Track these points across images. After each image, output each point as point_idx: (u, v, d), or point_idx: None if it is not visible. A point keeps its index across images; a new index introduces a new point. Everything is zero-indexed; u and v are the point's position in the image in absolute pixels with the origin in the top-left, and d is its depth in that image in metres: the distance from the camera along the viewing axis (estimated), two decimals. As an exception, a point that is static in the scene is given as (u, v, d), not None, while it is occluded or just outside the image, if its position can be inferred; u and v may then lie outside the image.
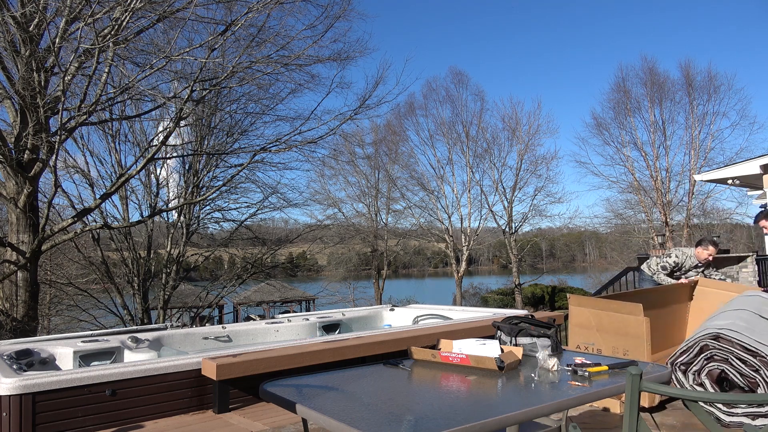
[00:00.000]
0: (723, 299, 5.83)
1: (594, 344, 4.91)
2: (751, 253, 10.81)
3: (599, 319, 4.94)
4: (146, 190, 16.44)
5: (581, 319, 5.02)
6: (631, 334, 4.76)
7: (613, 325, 4.85)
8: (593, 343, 4.92)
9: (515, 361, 2.59)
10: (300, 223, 26.01)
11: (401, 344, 5.01)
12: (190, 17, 8.87)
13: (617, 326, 4.83)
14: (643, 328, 4.73)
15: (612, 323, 4.87)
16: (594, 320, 4.96)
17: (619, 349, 4.80)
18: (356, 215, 30.85)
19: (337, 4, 10.17)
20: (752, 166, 11.07)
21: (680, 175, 26.84)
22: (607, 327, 4.89)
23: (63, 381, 3.80)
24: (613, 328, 4.85)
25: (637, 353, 4.70)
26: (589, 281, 37.50)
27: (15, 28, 8.27)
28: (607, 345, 4.85)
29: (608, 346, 4.85)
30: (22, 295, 8.69)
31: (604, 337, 4.88)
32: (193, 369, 4.31)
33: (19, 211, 8.77)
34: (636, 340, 4.74)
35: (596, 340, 4.91)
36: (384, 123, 29.85)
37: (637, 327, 4.75)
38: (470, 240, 29.61)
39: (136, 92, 9.26)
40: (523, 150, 29.67)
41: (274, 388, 2.31)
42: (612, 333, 4.85)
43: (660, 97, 27.49)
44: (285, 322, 6.45)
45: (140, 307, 15.36)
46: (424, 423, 1.95)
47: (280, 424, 3.97)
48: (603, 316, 4.92)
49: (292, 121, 13.69)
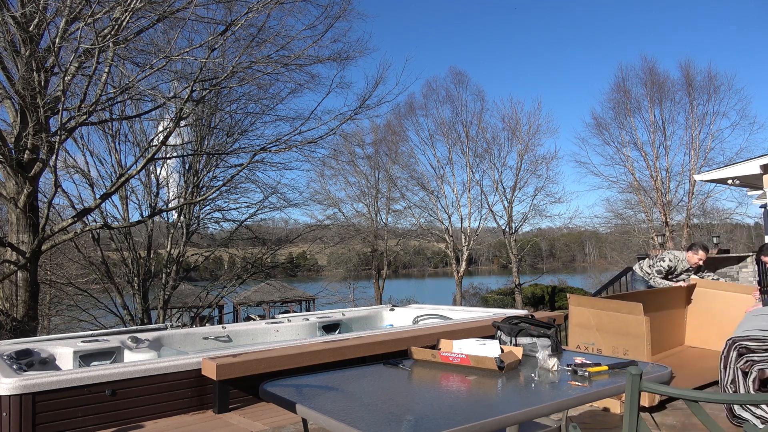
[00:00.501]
0: (722, 300, 5.84)
1: (594, 344, 4.91)
2: (751, 253, 10.79)
3: (599, 318, 4.94)
4: (146, 190, 16.45)
5: (581, 319, 5.03)
6: (632, 333, 4.76)
7: (613, 324, 4.86)
8: (593, 342, 4.92)
9: (515, 361, 2.59)
10: (300, 223, 26.03)
11: (401, 344, 5.01)
12: (190, 17, 8.86)
13: (617, 326, 4.83)
14: (643, 327, 4.73)
15: (612, 323, 4.87)
16: (594, 320, 4.96)
17: (619, 349, 4.80)
18: (356, 215, 30.88)
19: (337, 4, 10.18)
20: (752, 166, 11.05)
21: (680, 175, 26.86)
22: (607, 327, 4.89)
23: (63, 381, 3.80)
24: (613, 328, 4.85)
25: (638, 352, 4.70)
26: (589, 281, 37.50)
27: (15, 28, 8.26)
28: (607, 344, 4.86)
29: (608, 346, 4.85)
30: (22, 295, 8.69)
31: (604, 337, 4.88)
32: (193, 369, 4.31)
33: (19, 211, 8.76)
34: (636, 339, 4.74)
35: (596, 339, 4.92)
36: (384, 123, 29.88)
37: (637, 326, 4.75)
38: (470, 240, 29.62)
39: (136, 92, 9.25)
40: (523, 150, 29.70)
41: (274, 388, 2.31)
42: (612, 332, 4.85)
43: (660, 97, 27.49)
44: (285, 322, 6.45)
45: (140, 307, 15.36)
46: (424, 423, 1.95)
47: (280, 424, 3.97)
48: (603, 315, 4.92)
49: (292, 121, 13.70)
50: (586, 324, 4.99)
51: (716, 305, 5.87)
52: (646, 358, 4.69)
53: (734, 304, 5.71)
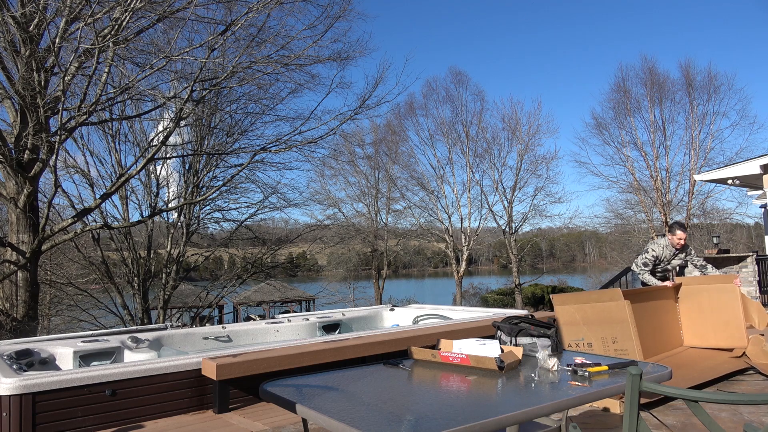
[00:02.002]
0: (707, 294, 5.87)
1: (584, 339, 4.92)
2: (751, 253, 10.80)
3: (584, 312, 4.96)
4: (146, 190, 16.44)
5: (567, 317, 5.03)
6: (616, 319, 4.81)
7: (597, 315, 4.89)
8: (583, 338, 4.93)
9: (515, 361, 2.59)
10: (300, 223, 26.04)
11: (401, 344, 5.01)
12: (190, 17, 8.87)
13: (601, 315, 4.87)
14: (626, 311, 4.78)
15: (596, 313, 4.90)
16: (579, 315, 4.98)
17: (608, 338, 4.84)
18: (356, 215, 30.85)
19: (337, 4, 10.19)
20: (752, 166, 11.06)
21: (680, 175, 26.82)
22: (592, 318, 4.92)
23: (63, 381, 3.80)
24: (598, 318, 4.89)
25: (625, 338, 4.73)
26: (589, 281, 37.52)
27: (15, 28, 8.27)
28: (596, 336, 4.87)
29: (597, 337, 4.87)
30: (22, 295, 8.69)
31: (592, 329, 4.90)
32: (193, 369, 4.31)
33: (19, 211, 8.76)
34: (621, 324, 4.79)
35: (585, 334, 4.93)
36: (384, 123, 29.84)
37: (619, 312, 4.80)
38: (470, 240, 29.60)
39: (136, 92, 9.26)
40: (523, 150, 29.65)
41: (274, 388, 2.31)
42: (597, 323, 4.89)
43: (660, 97, 27.46)
44: (285, 322, 6.45)
45: (140, 307, 15.36)
46: (424, 423, 1.95)
47: (280, 424, 3.97)
48: (587, 309, 4.95)
49: (292, 121, 13.72)
50: (573, 320, 5.00)
51: (703, 300, 5.90)
52: (634, 341, 4.73)
53: (719, 296, 5.79)
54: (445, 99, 30.89)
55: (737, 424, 3.84)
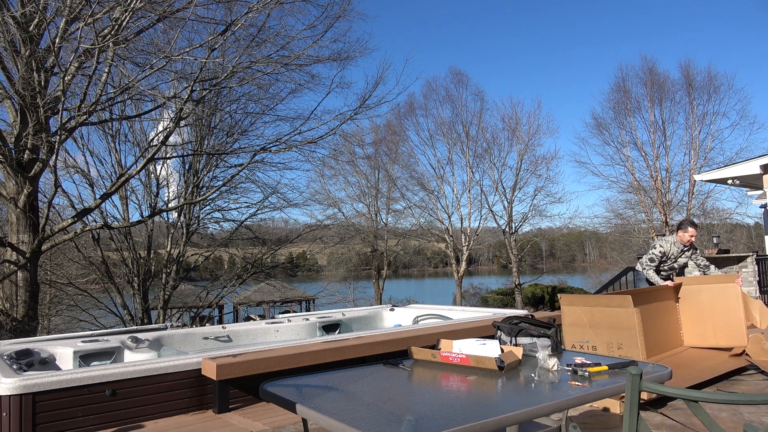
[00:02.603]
0: (707, 293, 5.85)
1: (588, 341, 4.92)
2: (751, 253, 10.80)
3: (591, 315, 4.95)
4: (146, 190, 16.44)
5: (574, 318, 5.03)
6: (624, 326, 4.78)
7: (605, 319, 4.87)
8: (587, 340, 4.92)
9: (515, 361, 2.59)
10: (300, 223, 26.03)
11: (401, 344, 5.01)
12: (190, 17, 8.87)
13: (609, 321, 4.85)
14: (634, 319, 4.75)
15: (604, 318, 4.88)
16: (586, 317, 4.97)
17: (613, 343, 4.82)
18: (356, 215, 30.84)
19: (337, 4, 10.19)
20: (752, 166, 11.06)
21: (680, 175, 26.81)
22: (599, 322, 4.90)
23: (63, 381, 3.80)
24: (606, 323, 4.86)
25: (631, 344, 4.71)
26: (589, 281, 37.51)
27: (15, 28, 8.26)
28: (601, 340, 4.86)
29: (602, 342, 4.86)
30: (22, 295, 8.69)
31: (598, 333, 4.89)
32: (193, 369, 4.31)
33: (19, 211, 8.76)
34: (629, 331, 4.76)
35: (590, 337, 4.92)
36: (384, 123, 29.83)
37: (628, 319, 4.77)
38: (470, 240, 29.60)
39: (136, 92, 9.26)
40: (523, 150, 29.64)
41: (274, 388, 2.31)
42: (604, 327, 4.87)
43: (660, 97, 27.45)
44: (285, 322, 6.45)
45: (140, 307, 15.35)
46: (424, 423, 1.95)
47: (280, 424, 3.97)
48: (595, 312, 4.94)
49: (292, 121, 13.72)
50: (579, 322, 4.99)
51: (703, 299, 5.89)
52: (640, 349, 4.70)
53: (719, 296, 5.77)
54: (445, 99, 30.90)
55: (737, 424, 3.84)
